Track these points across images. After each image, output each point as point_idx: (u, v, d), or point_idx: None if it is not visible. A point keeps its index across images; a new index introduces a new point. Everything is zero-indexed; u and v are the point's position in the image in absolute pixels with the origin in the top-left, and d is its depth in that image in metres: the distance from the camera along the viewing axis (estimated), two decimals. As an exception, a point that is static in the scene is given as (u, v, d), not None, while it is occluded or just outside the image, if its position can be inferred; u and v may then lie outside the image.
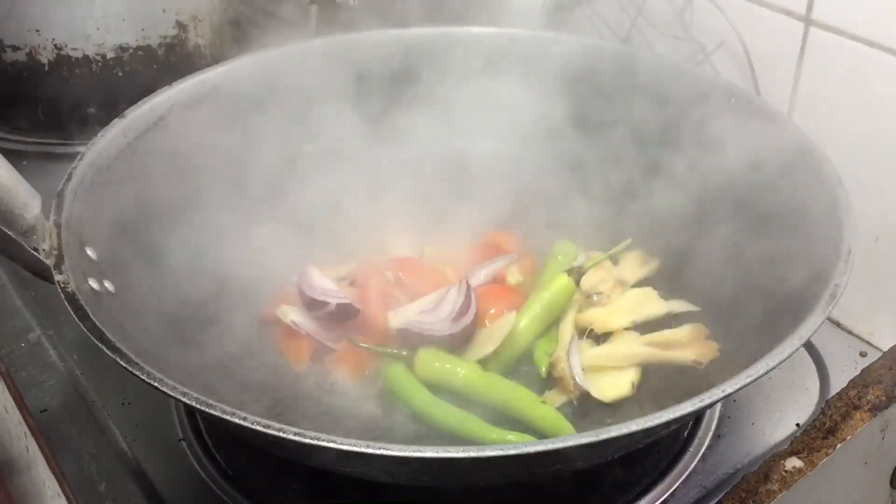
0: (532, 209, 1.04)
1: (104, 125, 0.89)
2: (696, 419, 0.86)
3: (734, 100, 0.94)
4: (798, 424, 0.87)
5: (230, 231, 0.94)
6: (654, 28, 1.16)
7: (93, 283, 0.74)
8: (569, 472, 0.78)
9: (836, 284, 0.69)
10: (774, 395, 0.90)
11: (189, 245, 0.89)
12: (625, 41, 1.20)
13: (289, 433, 0.58)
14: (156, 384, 0.62)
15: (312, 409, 0.84)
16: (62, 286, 0.70)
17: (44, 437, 0.83)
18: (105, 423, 0.86)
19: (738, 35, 1.04)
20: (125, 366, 0.63)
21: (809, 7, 0.96)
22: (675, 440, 0.84)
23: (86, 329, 0.66)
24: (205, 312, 0.86)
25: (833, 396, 0.84)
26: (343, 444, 0.57)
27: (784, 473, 0.76)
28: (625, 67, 1.02)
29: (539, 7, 1.19)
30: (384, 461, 0.60)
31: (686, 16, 1.10)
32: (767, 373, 0.63)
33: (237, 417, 0.59)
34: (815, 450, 0.78)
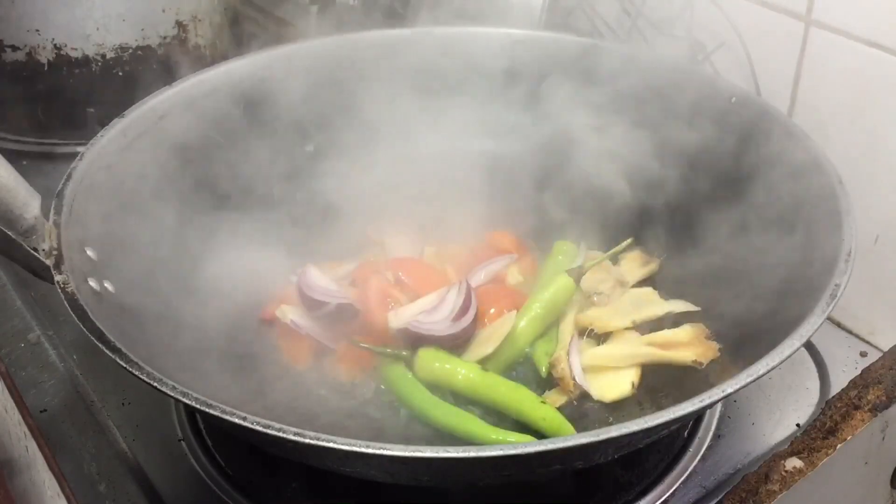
0: (532, 209, 1.04)
1: (104, 125, 0.89)
2: (696, 419, 0.86)
3: (734, 100, 0.94)
4: (798, 424, 0.86)
5: (230, 231, 0.94)
6: (654, 28, 1.16)
7: (92, 284, 0.74)
8: (569, 472, 0.78)
9: (837, 284, 0.69)
10: (774, 395, 0.90)
11: (189, 245, 0.89)
12: (625, 41, 1.20)
13: (289, 433, 0.58)
14: (155, 384, 0.62)
15: (312, 410, 0.84)
16: (62, 286, 0.70)
17: (44, 438, 0.83)
18: (105, 423, 0.86)
19: (738, 35, 1.04)
20: (125, 366, 0.63)
21: (809, 7, 0.96)
22: (675, 440, 0.84)
23: (85, 329, 0.66)
24: (204, 312, 0.86)
25: (833, 396, 0.84)
26: (343, 444, 0.57)
27: (784, 473, 0.76)
28: (625, 67, 1.02)
29: (539, 7, 1.19)
30: (384, 461, 0.60)
31: (686, 16, 1.10)
32: (767, 373, 0.63)
33: (237, 417, 0.59)
34: (816, 450, 0.78)
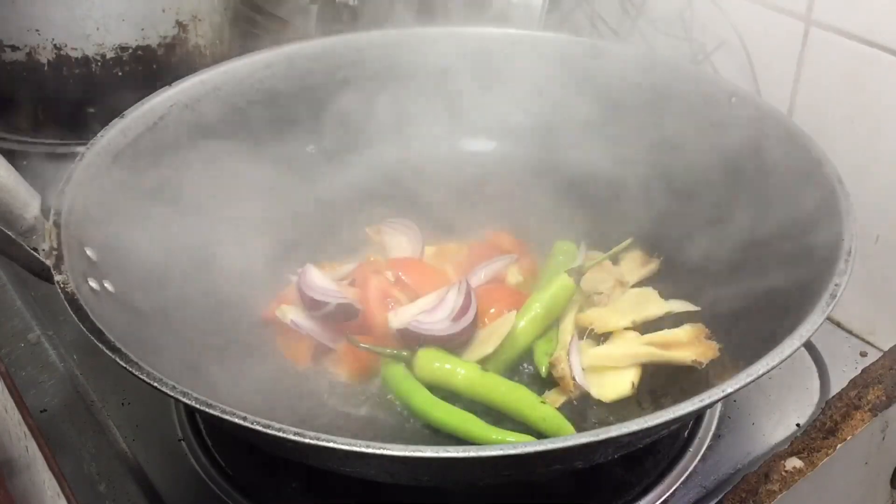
0: (532, 209, 1.04)
1: (104, 125, 0.89)
2: (696, 419, 0.86)
3: (734, 100, 0.94)
4: (798, 424, 0.86)
5: (230, 231, 0.94)
6: (654, 28, 1.16)
7: (92, 284, 0.74)
8: (569, 472, 0.78)
9: (836, 284, 0.69)
10: (774, 395, 0.90)
11: (189, 245, 0.89)
12: (625, 41, 1.20)
13: (288, 433, 0.58)
14: (155, 384, 0.62)
15: (312, 410, 0.84)
16: (62, 286, 0.70)
17: (44, 437, 0.83)
18: (105, 423, 0.86)
19: (738, 35, 1.04)
20: (125, 366, 0.63)
21: (809, 7, 0.96)
22: (675, 440, 0.84)
23: (85, 329, 0.66)
24: (204, 312, 0.86)
25: (833, 396, 0.84)
26: (342, 444, 0.57)
27: (784, 473, 0.76)
28: (625, 67, 1.02)
29: (539, 7, 1.19)
30: (384, 461, 0.60)
31: (686, 16, 1.10)
32: (767, 373, 0.63)
33: (237, 417, 0.59)
34: (816, 450, 0.78)
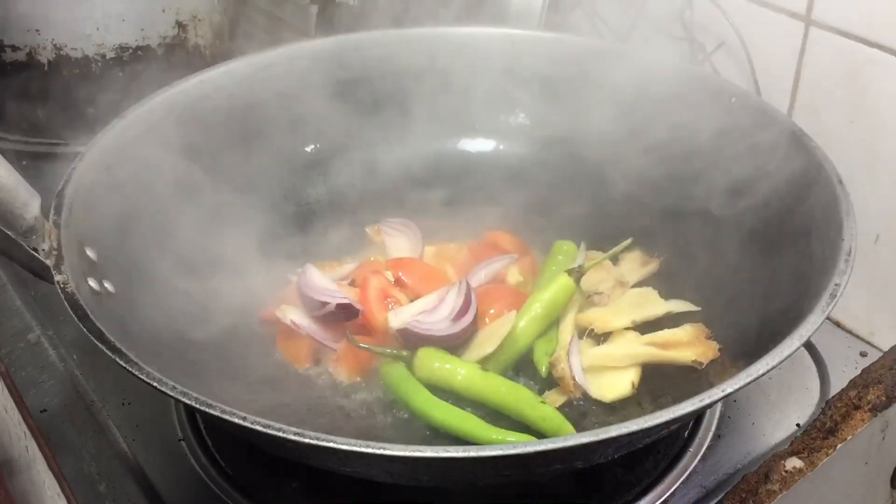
0: (532, 209, 1.04)
1: (104, 125, 0.89)
2: (696, 419, 0.86)
3: (734, 100, 0.94)
4: (798, 424, 0.86)
5: (230, 230, 0.94)
6: (654, 28, 1.16)
7: (92, 284, 0.74)
8: (569, 472, 0.78)
9: (837, 284, 0.69)
10: (774, 395, 0.90)
11: (189, 245, 0.89)
12: (625, 41, 1.20)
13: (288, 433, 0.58)
14: (155, 384, 0.62)
15: (312, 410, 0.84)
16: (62, 286, 0.70)
17: (44, 437, 0.83)
18: (105, 423, 0.86)
19: (738, 35, 1.04)
20: (125, 366, 0.63)
21: (809, 7, 0.96)
22: (675, 440, 0.84)
23: (85, 329, 0.66)
24: (204, 312, 0.85)
25: (833, 396, 0.84)
26: (342, 444, 0.57)
27: (784, 473, 0.76)
28: (625, 67, 1.02)
29: (539, 7, 1.19)
30: (384, 461, 0.60)
31: (686, 16, 1.10)
32: (767, 373, 0.63)
33: (237, 417, 0.59)
34: (816, 450, 0.78)
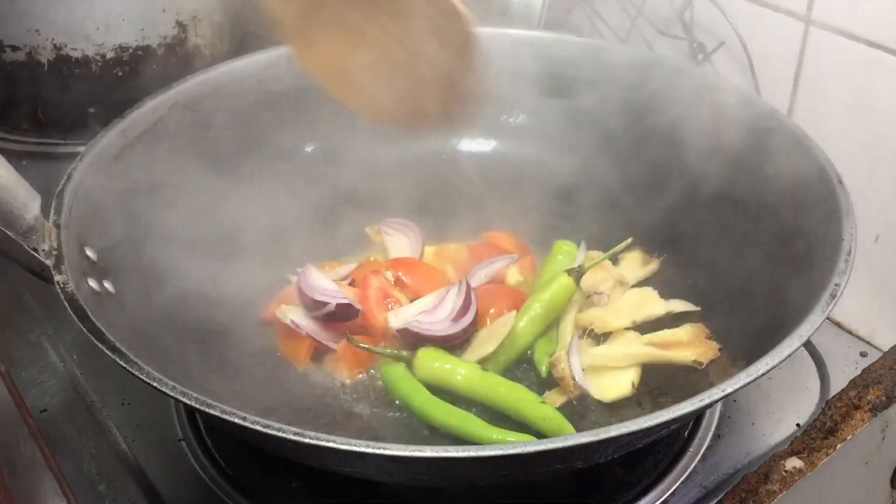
0: (532, 209, 1.04)
1: (104, 125, 0.89)
2: (696, 419, 0.86)
3: (735, 100, 0.93)
4: (798, 424, 0.86)
5: (230, 231, 0.94)
6: (654, 28, 1.16)
7: (92, 284, 0.74)
8: (569, 472, 0.78)
9: (837, 284, 0.69)
10: (774, 395, 0.90)
11: (188, 245, 0.89)
12: (625, 41, 1.20)
13: (288, 433, 0.58)
14: (155, 384, 0.62)
15: (312, 409, 0.84)
16: (62, 286, 0.70)
17: (44, 437, 0.83)
18: (105, 423, 0.86)
19: (738, 35, 1.04)
20: (125, 366, 0.63)
21: (809, 7, 0.96)
22: (675, 440, 0.84)
23: (85, 329, 0.66)
24: (204, 312, 0.86)
25: (833, 396, 0.84)
26: (342, 444, 0.57)
27: (784, 473, 0.76)
28: (625, 67, 1.02)
29: (539, 7, 1.19)
30: (383, 461, 0.60)
31: (686, 16, 1.10)
32: (767, 373, 0.63)
33: (236, 417, 0.59)
34: (816, 450, 0.78)
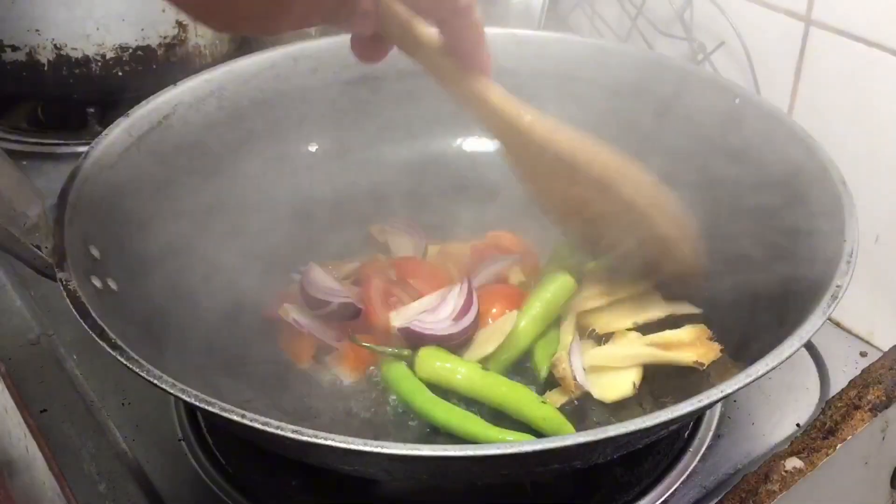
0: (534, 209, 1.04)
1: (104, 125, 0.89)
2: (696, 419, 0.86)
3: (738, 100, 0.93)
4: (798, 424, 0.86)
5: (232, 229, 0.94)
6: (654, 28, 1.16)
7: (95, 282, 0.74)
8: (568, 472, 0.78)
9: (838, 285, 0.69)
10: (774, 395, 0.90)
11: (191, 243, 0.89)
12: (625, 41, 1.20)
13: (287, 431, 0.58)
14: (155, 381, 0.62)
15: (313, 408, 0.84)
16: (64, 284, 0.70)
17: (44, 438, 0.83)
18: (105, 423, 0.86)
19: (738, 35, 1.04)
20: (125, 363, 0.63)
21: (809, 7, 0.96)
22: (675, 440, 0.84)
23: (86, 326, 0.66)
24: (206, 311, 0.86)
25: (833, 396, 0.84)
26: (342, 443, 0.57)
27: (784, 473, 0.76)
28: (625, 67, 1.02)
29: (539, 7, 1.19)
30: (383, 459, 0.60)
31: (686, 16, 1.10)
32: (767, 373, 0.63)
33: (236, 415, 0.59)
34: (816, 450, 0.78)
